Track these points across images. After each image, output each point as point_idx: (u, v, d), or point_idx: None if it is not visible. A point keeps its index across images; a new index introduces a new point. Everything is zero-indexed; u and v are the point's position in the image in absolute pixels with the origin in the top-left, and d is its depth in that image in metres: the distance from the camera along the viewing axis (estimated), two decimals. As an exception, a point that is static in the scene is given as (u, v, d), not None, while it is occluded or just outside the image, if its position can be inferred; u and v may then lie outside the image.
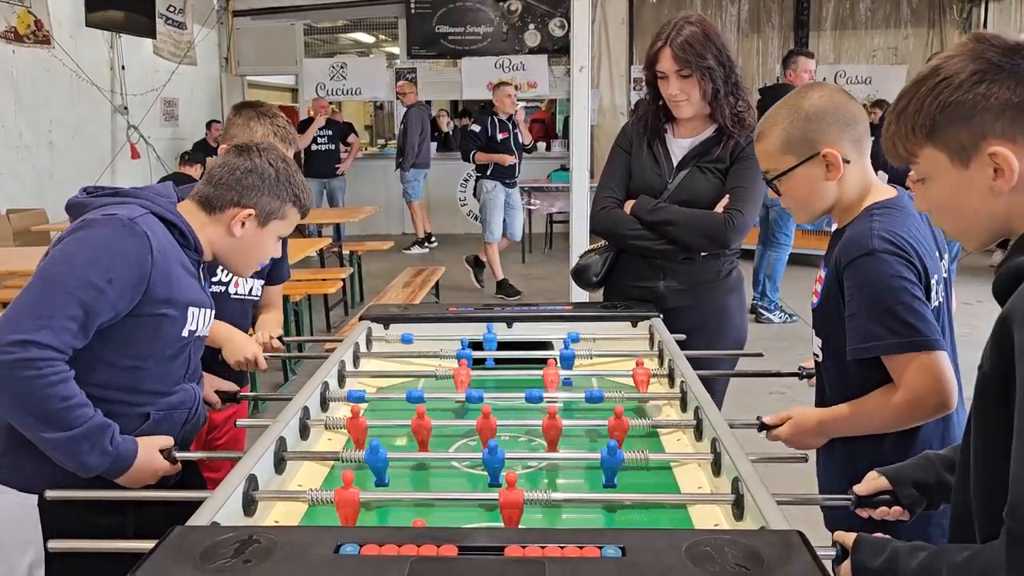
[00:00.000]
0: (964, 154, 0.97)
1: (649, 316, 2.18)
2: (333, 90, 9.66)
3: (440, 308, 2.60)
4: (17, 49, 6.23)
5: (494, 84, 7.37)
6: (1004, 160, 0.94)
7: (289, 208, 1.62)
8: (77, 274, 1.36)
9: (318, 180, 8.53)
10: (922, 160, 1.02)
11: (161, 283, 1.44)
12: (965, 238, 1.05)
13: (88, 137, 7.23)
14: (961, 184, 0.99)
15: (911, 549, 1.01)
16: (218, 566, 0.96)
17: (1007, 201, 0.96)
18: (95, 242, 1.39)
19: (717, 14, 9.24)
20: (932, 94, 0.97)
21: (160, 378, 1.52)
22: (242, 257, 1.63)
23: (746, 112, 2.21)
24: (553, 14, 9.42)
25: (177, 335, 1.52)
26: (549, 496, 1.25)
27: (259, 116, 2.02)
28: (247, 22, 9.65)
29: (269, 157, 1.59)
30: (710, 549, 0.98)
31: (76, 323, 1.35)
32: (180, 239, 1.52)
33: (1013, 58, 0.94)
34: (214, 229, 1.57)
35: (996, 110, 0.94)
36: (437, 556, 0.98)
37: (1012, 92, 0.93)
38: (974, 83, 0.95)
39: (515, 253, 8.36)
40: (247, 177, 1.56)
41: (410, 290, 5.43)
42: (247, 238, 1.58)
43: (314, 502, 1.27)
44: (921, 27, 9.09)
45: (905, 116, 1.01)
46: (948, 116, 0.96)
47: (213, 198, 1.56)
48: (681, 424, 1.61)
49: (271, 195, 1.58)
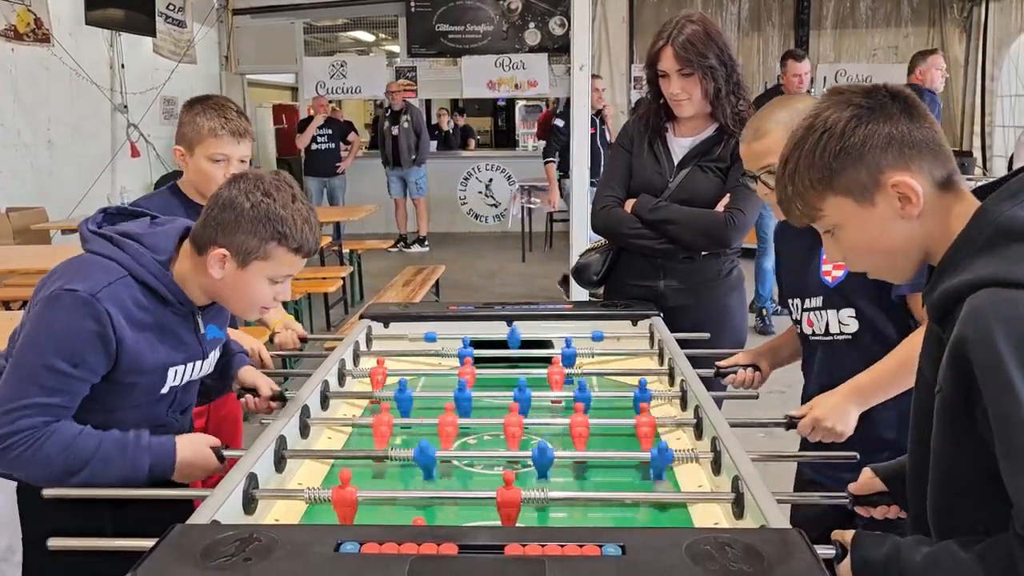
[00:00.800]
0: (867, 192, 1.02)
1: (649, 315, 2.18)
2: (333, 88, 9.65)
3: (440, 307, 2.60)
4: (16, 47, 6.22)
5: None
6: (907, 187, 1.00)
7: (273, 248, 1.40)
8: (42, 363, 1.34)
9: (318, 179, 8.54)
10: (828, 211, 1.06)
11: (129, 356, 1.40)
12: (891, 274, 1.11)
13: (88, 135, 7.22)
14: (872, 221, 1.04)
15: (914, 543, 1.01)
16: (218, 564, 0.96)
17: (919, 226, 1.02)
18: (56, 326, 1.36)
19: (717, 12, 9.22)
20: (819, 147, 1.03)
21: (142, 421, 1.50)
22: (233, 301, 1.50)
23: (747, 111, 2.21)
24: (553, 12, 9.41)
25: (154, 395, 1.49)
26: (547, 495, 1.25)
27: (205, 110, 1.93)
28: (247, 20, 9.64)
29: (248, 189, 1.40)
30: (710, 548, 0.98)
31: (53, 406, 1.35)
32: (161, 300, 1.44)
33: (875, 98, 1.02)
34: (203, 271, 1.44)
35: (882, 145, 1.01)
36: (437, 554, 0.98)
37: (890, 126, 1.01)
38: (854, 127, 1.01)
39: (515, 251, 8.37)
40: (223, 213, 1.40)
41: (410, 289, 5.43)
42: (229, 281, 1.43)
43: (312, 500, 1.27)
44: (922, 26, 9.08)
45: (799, 175, 1.06)
46: (842, 162, 1.02)
47: (199, 237, 1.44)
48: (681, 423, 1.62)
49: (246, 233, 1.39)
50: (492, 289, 6.88)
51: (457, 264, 7.19)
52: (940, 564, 0.96)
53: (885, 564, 1.02)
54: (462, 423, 1.59)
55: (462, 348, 1.96)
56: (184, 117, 1.96)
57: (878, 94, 1.03)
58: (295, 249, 1.42)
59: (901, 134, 1.00)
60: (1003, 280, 0.91)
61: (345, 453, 1.52)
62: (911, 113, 1.02)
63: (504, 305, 2.30)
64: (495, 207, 10.06)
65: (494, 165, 10.12)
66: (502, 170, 10.04)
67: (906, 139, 1.01)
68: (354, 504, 1.22)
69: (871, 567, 1.04)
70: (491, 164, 10.15)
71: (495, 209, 10.06)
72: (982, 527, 0.95)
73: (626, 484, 1.42)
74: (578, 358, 1.96)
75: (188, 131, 1.94)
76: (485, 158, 10.35)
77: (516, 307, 2.28)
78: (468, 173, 10.11)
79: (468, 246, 9.15)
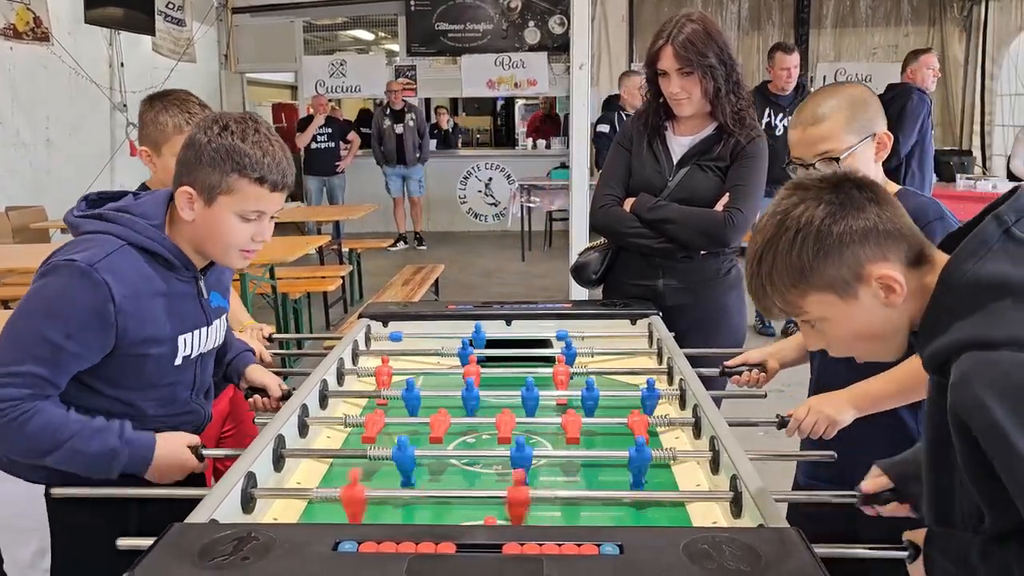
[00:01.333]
0: (849, 287, 1.03)
1: (648, 314, 2.18)
2: (332, 87, 9.64)
3: (439, 306, 2.60)
4: (15, 46, 6.21)
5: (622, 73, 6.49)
6: (890, 278, 1.01)
7: (235, 180, 1.37)
8: (34, 331, 1.33)
9: (318, 178, 8.53)
10: (809, 307, 1.06)
11: (134, 326, 1.38)
12: (878, 356, 1.12)
13: (86, 134, 7.22)
14: (857, 313, 1.04)
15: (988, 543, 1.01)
16: (216, 563, 0.96)
17: (903, 309, 1.04)
18: (52, 296, 1.34)
19: (717, 11, 9.22)
20: (796, 247, 1.03)
21: (164, 403, 1.51)
22: (211, 245, 1.45)
23: (747, 110, 2.21)
24: (553, 11, 9.40)
25: (168, 367, 1.48)
26: (555, 494, 1.25)
27: (167, 107, 1.86)
28: (246, 19, 9.62)
29: (207, 125, 1.39)
30: (708, 547, 0.98)
31: (40, 377, 1.34)
32: (165, 264, 1.44)
33: (844, 190, 1.03)
34: (181, 221, 1.43)
35: (860, 239, 1.01)
36: (435, 553, 0.98)
37: (863, 219, 1.02)
38: (830, 224, 1.02)
39: (515, 251, 8.37)
40: (185, 152, 1.40)
41: (409, 288, 5.43)
42: (200, 222, 1.41)
43: (319, 500, 1.27)
44: (922, 25, 9.07)
45: (775, 275, 1.05)
46: (822, 261, 1.02)
47: (173, 187, 1.43)
48: (679, 422, 1.62)
49: (206, 166, 1.37)
50: (491, 288, 6.88)
51: (456, 263, 7.19)
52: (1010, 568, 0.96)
53: (957, 563, 1.02)
54: (464, 422, 1.60)
55: (461, 349, 1.96)
56: (146, 117, 1.87)
57: (844, 186, 1.03)
58: (258, 180, 1.39)
59: (874, 225, 1.02)
60: (982, 342, 0.93)
61: (344, 452, 1.52)
62: (878, 201, 1.03)
63: (503, 304, 2.30)
64: (495, 206, 10.06)
65: (493, 164, 10.12)
66: (501, 169, 10.04)
67: (880, 229, 1.02)
68: (363, 503, 1.22)
69: (946, 567, 1.05)
70: (490, 163, 10.14)
71: (494, 208, 10.06)
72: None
73: (624, 483, 1.41)
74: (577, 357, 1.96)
75: (152, 131, 1.86)
76: (485, 157, 10.35)
77: (515, 306, 2.28)
78: (468, 172, 10.11)
79: (467, 245, 9.15)
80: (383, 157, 8.61)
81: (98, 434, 1.38)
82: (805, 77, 8.60)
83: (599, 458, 1.50)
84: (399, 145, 8.50)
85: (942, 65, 7.05)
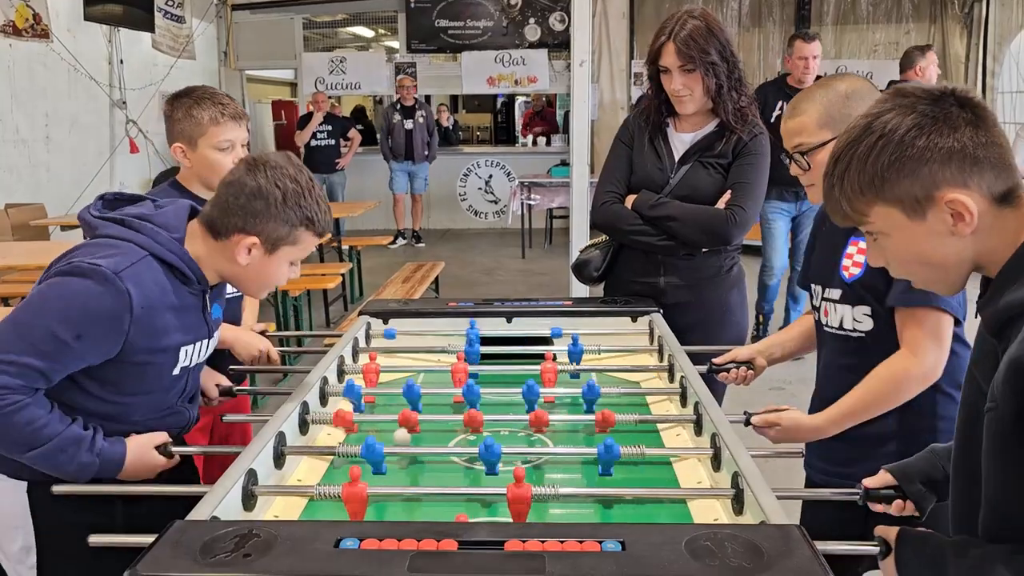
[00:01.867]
0: (919, 206, 0.98)
1: (649, 311, 2.18)
2: (332, 84, 9.63)
3: (440, 303, 2.60)
4: (15, 43, 6.20)
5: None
6: (962, 206, 0.96)
7: (301, 233, 1.46)
8: (45, 325, 1.33)
9: (317, 175, 8.51)
10: (874, 218, 1.02)
11: (144, 336, 1.39)
12: (936, 285, 1.07)
13: (86, 131, 7.21)
14: (921, 235, 1.00)
15: (962, 544, 1.00)
16: (218, 560, 0.96)
17: (972, 243, 0.98)
18: (71, 295, 1.34)
19: (718, 8, 9.20)
20: (874, 153, 0.98)
21: (152, 409, 1.51)
22: (252, 284, 1.53)
23: (748, 107, 2.20)
24: (553, 8, 9.39)
25: (167, 376, 1.49)
26: (557, 491, 1.25)
27: (199, 101, 1.89)
28: (246, 16, 9.61)
29: (276, 176, 1.43)
30: (710, 543, 0.98)
31: (36, 371, 1.33)
32: (181, 278, 1.45)
33: (942, 106, 0.97)
34: (221, 255, 1.47)
35: (942, 159, 0.95)
36: (437, 550, 0.98)
37: (952, 139, 0.95)
38: (914, 137, 0.96)
39: (515, 248, 8.37)
40: (252, 201, 1.42)
41: (409, 285, 5.43)
42: (255, 266, 1.46)
43: (320, 497, 1.27)
44: (923, 22, 9.06)
45: (848, 178, 1.01)
46: (896, 172, 0.97)
47: (218, 223, 1.44)
48: (681, 419, 1.61)
49: (278, 220, 1.43)
50: (492, 285, 6.87)
51: (457, 260, 7.18)
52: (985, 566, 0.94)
53: (929, 562, 1.01)
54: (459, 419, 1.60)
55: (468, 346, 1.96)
56: (176, 114, 1.91)
57: (945, 101, 0.97)
58: (320, 233, 1.50)
59: (963, 148, 0.95)
60: None
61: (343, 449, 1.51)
62: (977, 124, 0.96)
63: (504, 301, 2.30)
64: (495, 203, 10.05)
65: (494, 161, 10.12)
66: (502, 166, 10.04)
67: (968, 154, 0.95)
68: (365, 500, 1.22)
69: (915, 565, 1.03)
70: (491, 160, 10.14)
71: (495, 205, 10.06)
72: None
73: (626, 480, 1.41)
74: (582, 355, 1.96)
75: (186, 126, 1.90)
76: (485, 154, 10.34)
77: (516, 303, 2.28)
78: (468, 169, 10.11)
79: (468, 242, 9.15)
80: (391, 152, 8.59)
81: (72, 445, 1.38)
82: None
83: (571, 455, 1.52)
84: (408, 141, 8.50)
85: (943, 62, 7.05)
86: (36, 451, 1.36)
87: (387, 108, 8.92)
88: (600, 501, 1.34)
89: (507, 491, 1.21)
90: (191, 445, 1.70)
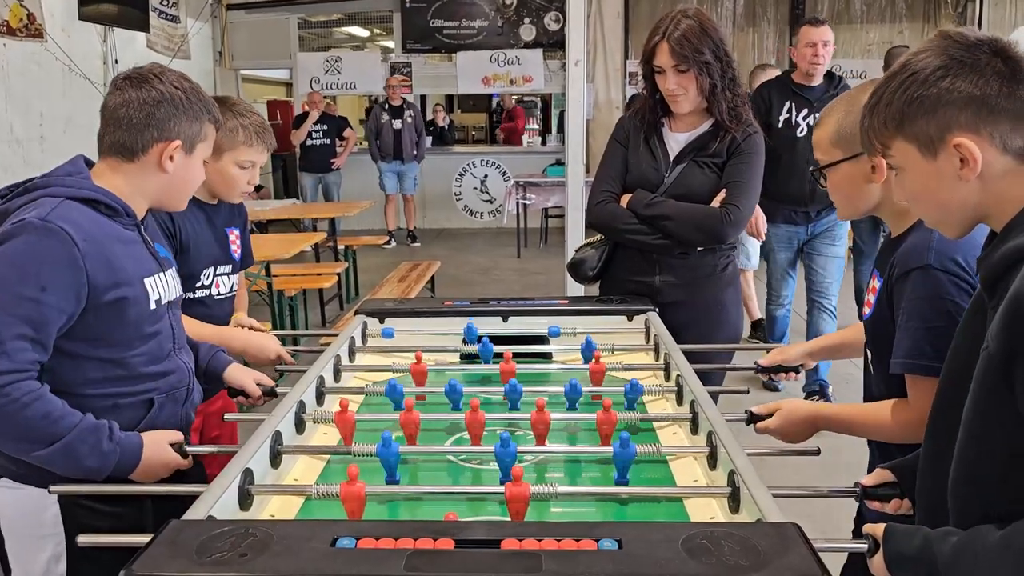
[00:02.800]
0: (932, 146, 1.01)
1: (645, 310, 2.18)
2: (327, 84, 9.62)
3: (435, 302, 2.60)
4: (9, 42, 6.18)
5: None
6: (968, 151, 0.98)
7: (208, 127, 1.53)
8: (9, 293, 1.31)
9: (313, 174, 8.52)
10: (895, 152, 1.06)
11: (102, 269, 1.38)
12: (943, 227, 1.11)
13: (80, 130, 7.17)
14: (931, 175, 1.03)
15: (943, 534, 1.01)
16: (214, 560, 0.96)
17: (978, 189, 1.01)
18: (15, 255, 1.33)
19: (712, 8, 9.22)
20: (900, 89, 1.02)
21: (151, 358, 1.50)
22: (178, 192, 1.55)
23: (742, 107, 2.21)
24: (548, 8, 9.39)
25: (146, 311, 1.48)
26: (556, 490, 1.25)
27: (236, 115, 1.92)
28: (241, 16, 9.59)
29: (171, 80, 1.49)
30: (706, 542, 0.98)
31: (27, 340, 1.32)
32: (108, 211, 1.45)
33: (974, 53, 0.98)
34: (142, 174, 1.48)
35: (960, 103, 0.98)
36: (434, 549, 0.98)
37: (974, 86, 0.98)
38: (938, 78, 0.99)
39: (510, 247, 8.37)
40: (158, 108, 1.45)
41: (405, 285, 5.43)
42: (178, 172, 1.50)
43: (319, 496, 1.27)
44: (916, 22, 9.09)
45: (877, 110, 1.06)
46: (915, 110, 1.01)
47: (130, 142, 1.45)
48: (677, 418, 1.62)
49: (189, 119, 1.48)
50: (487, 285, 6.87)
51: (452, 260, 7.18)
52: (969, 552, 0.95)
53: (917, 556, 1.02)
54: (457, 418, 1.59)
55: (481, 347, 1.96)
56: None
57: (980, 48, 0.99)
58: (217, 123, 1.57)
59: (984, 96, 0.97)
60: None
61: (341, 449, 1.51)
62: (1008, 76, 0.97)
63: (500, 300, 2.30)
64: (490, 203, 10.05)
65: (489, 161, 10.12)
66: (497, 166, 10.04)
67: (988, 102, 0.97)
68: (363, 499, 1.21)
69: (904, 560, 1.04)
70: (486, 160, 10.14)
71: (490, 205, 10.06)
72: (1003, 506, 0.94)
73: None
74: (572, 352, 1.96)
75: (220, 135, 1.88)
76: (480, 154, 10.35)
77: (512, 302, 2.28)
78: (463, 169, 10.11)
79: (463, 242, 9.15)
80: (379, 152, 8.60)
81: (92, 435, 1.37)
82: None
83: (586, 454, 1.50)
84: (396, 141, 8.49)
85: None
86: (55, 445, 1.33)
87: (375, 108, 8.91)
88: (597, 500, 1.34)
89: (505, 490, 1.21)
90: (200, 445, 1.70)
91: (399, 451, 1.37)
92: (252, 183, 2.01)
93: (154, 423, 1.50)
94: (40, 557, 1.45)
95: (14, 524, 1.46)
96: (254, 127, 1.95)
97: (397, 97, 8.51)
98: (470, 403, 1.49)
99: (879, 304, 1.46)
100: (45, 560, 1.45)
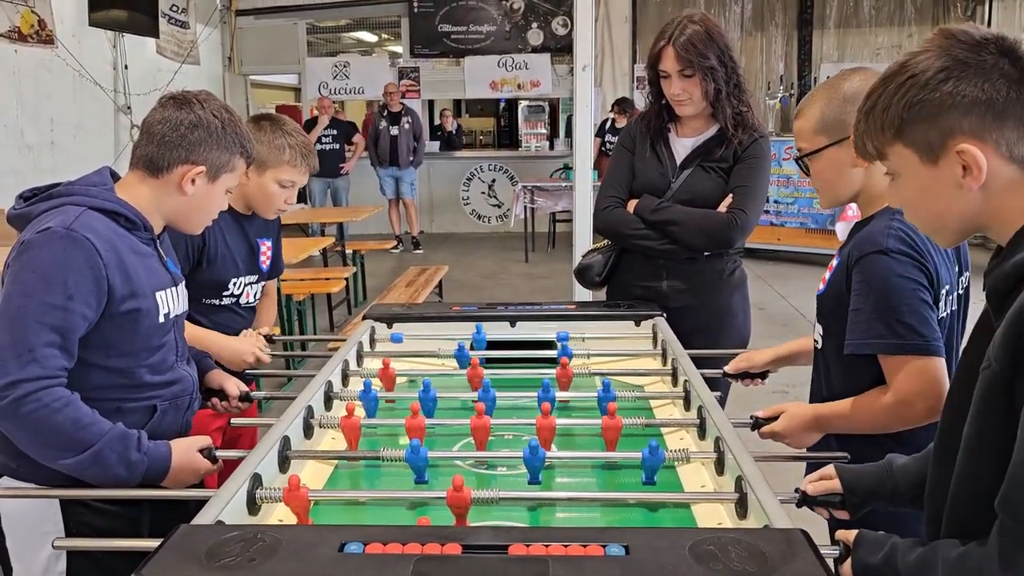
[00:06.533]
0: (932, 152, 0.95)
1: (652, 315, 2.18)
2: (336, 89, 9.66)
3: (443, 307, 2.60)
4: (20, 48, 6.24)
5: None
6: (972, 158, 0.92)
7: (238, 160, 1.56)
8: (37, 301, 1.33)
9: (322, 179, 8.55)
10: (892, 157, 1.00)
11: (122, 279, 1.41)
12: (938, 235, 1.05)
13: (90, 136, 7.24)
14: (931, 182, 0.97)
15: (910, 545, 1.01)
16: (223, 564, 0.96)
17: (978, 198, 0.94)
18: (41, 264, 1.35)
19: (720, 12, 9.22)
20: (900, 92, 0.95)
21: (155, 369, 1.51)
22: (194, 216, 1.58)
23: (748, 112, 2.21)
24: (556, 13, 9.41)
25: (156, 324, 1.50)
26: (561, 495, 1.25)
27: (286, 134, 1.98)
28: (250, 21, 9.65)
29: (212, 108, 1.52)
30: (714, 548, 0.98)
31: (56, 347, 1.34)
32: (127, 224, 1.47)
33: (979, 53, 0.92)
34: (163, 191, 1.51)
35: (963, 108, 0.92)
36: (441, 554, 0.98)
37: (979, 89, 0.91)
38: (940, 81, 0.92)
39: (518, 252, 8.37)
40: (192, 132, 1.49)
41: (413, 289, 5.44)
42: (198, 196, 1.53)
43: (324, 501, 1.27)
44: (925, 25, 9.07)
45: (874, 114, 0.99)
46: (915, 115, 0.94)
47: (158, 158, 1.49)
48: (684, 423, 1.62)
49: (219, 148, 1.51)
50: (495, 289, 6.88)
51: (460, 264, 7.19)
52: (929, 564, 0.95)
53: (883, 565, 1.01)
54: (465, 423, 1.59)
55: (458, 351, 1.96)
56: (261, 136, 1.95)
57: (986, 48, 0.91)
58: (249, 159, 1.61)
59: (989, 100, 0.90)
60: None
61: (348, 454, 1.52)
62: (1017, 79, 0.91)
63: (507, 305, 2.30)
64: (498, 207, 10.07)
65: (497, 165, 10.13)
66: (505, 170, 10.05)
67: (993, 106, 0.90)
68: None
69: (869, 570, 1.04)
70: (494, 164, 10.15)
71: (498, 209, 10.07)
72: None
73: (628, 484, 1.41)
74: (579, 358, 1.96)
75: (263, 151, 1.94)
76: (488, 158, 10.36)
77: (520, 307, 2.28)
78: (471, 174, 10.12)
79: (471, 246, 9.16)
80: (377, 158, 8.63)
81: (120, 443, 1.38)
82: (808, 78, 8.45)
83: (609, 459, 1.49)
84: (393, 147, 8.52)
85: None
86: (85, 454, 1.34)
87: (375, 114, 8.94)
88: (604, 505, 1.34)
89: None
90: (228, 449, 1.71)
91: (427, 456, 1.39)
92: (290, 202, 2.05)
93: (156, 429, 1.51)
94: (41, 555, 1.46)
95: (15, 522, 1.48)
96: (300, 148, 2.00)
97: (396, 103, 8.53)
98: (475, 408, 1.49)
99: (834, 281, 1.51)
100: (46, 558, 1.46)
